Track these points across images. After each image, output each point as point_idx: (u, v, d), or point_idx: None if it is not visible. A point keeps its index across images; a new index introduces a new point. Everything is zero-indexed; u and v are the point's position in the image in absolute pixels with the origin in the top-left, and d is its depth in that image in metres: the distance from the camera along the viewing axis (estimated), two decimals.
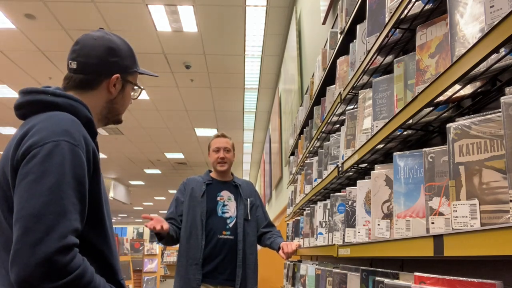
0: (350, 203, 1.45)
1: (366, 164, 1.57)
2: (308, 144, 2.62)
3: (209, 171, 2.71)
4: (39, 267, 0.88)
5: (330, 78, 2.15)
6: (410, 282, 0.91)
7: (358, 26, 1.59)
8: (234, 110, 8.67)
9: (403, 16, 1.12)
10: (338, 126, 2.06)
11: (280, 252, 2.31)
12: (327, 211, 1.84)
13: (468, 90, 0.93)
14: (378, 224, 1.14)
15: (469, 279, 0.72)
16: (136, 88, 1.31)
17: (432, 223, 0.88)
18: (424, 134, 1.18)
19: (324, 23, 2.98)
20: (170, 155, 12.18)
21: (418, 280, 0.86)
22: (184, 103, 8.17)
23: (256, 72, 6.87)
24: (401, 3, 1.07)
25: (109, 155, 11.92)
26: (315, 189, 2.10)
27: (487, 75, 0.85)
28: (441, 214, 0.86)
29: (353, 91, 1.61)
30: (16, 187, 0.96)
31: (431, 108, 1.03)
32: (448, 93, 0.91)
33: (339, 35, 1.95)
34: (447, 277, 0.77)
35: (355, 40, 1.66)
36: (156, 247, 9.85)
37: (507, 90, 0.73)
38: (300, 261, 2.73)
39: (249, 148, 11.62)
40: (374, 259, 1.58)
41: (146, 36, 5.66)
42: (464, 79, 0.83)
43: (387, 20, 1.19)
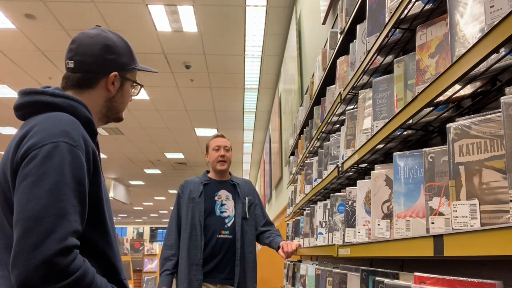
0: (350, 203, 1.45)
1: (366, 164, 1.57)
2: (308, 144, 2.62)
3: (206, 172, 2.71)
4: (40, 270, 0.87)
5: (330, 78, 2.15)
6: (410, 282, 0.91)
7: (358, 26, 1.59)
8: (234, 110, 8.67)
9: (403, 16, 1.12)
10: (338, 126, 2.06)
11: (280, 251, 2.31)
12: (327, 211, 1.84)
13: (468, 90, 0.93)
14: (378, 224, 1.14)
15: (469, 279, 0.72)
16: (135, 85, 1.29)
17: (432, 223, 0.88)
18: (424, 134, 1.18)
19: (324, 23, 2.98)
20: (170, 155, 12.18)
21: (418, 280, 0.85)
22: (184, 103, 8.17)
23: (256, 72, 6.87)
24: (401, 3, 1.07)
25: (109, 155, 11.92)
26: (315, 189, 2.10)
27: (487, 75, 0.85)
28: (441, 214, 0.86)
29: (353, 91, 1.60)
30: (16, 189, 0.96)
31: (431, 108, 1.03)
32: (448, 93, 0.91)
33: (339, 35, 1.95)
34: (447, 277, 0.77)
35: (355, 40, 1.66)
36: (156, 247, 9.85)
37: (507, 90, 0.73)
38: (300, 261, 2.73)
39: (249, 148, 11.61)
40: (374, 259, 1.58)
41: (146, 36, 5.66)
42: (464, 79, 0.83)
43: (387, 20, 1.19)
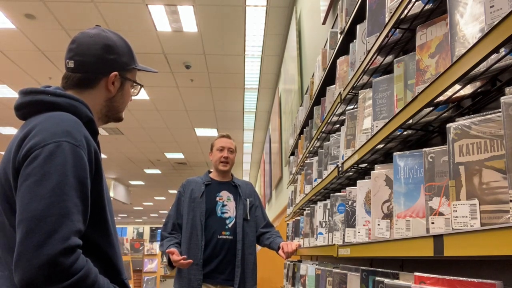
0: (350, 203, 1.45)
1: (366, 164, 1.57)
2: (308, 144, 2.62)
3: (208, 172, 2.71)
4: (43, 269, 0.88)
5: (330, 78, 2.15)
6: (410, 282, 0.91)
7: (358, 26, 1.59)
8: (234, 110, 8.67)
9: (403, 16, 1.12)
10: (338, 126, 2.06)
11: (280, 251, 2.31)
12: (327, 211, 1.84)
13: (468, 90, 0.93)
14: (378, 224, 1.14)
15: (469, 279, 0.72)
16: (135, 85, 1.29)
17: (432, 223, 0.88)
18: (424, 134, 1.18)
19: (324, 23, 2.98)
20: (170, 155, 12.18)
21: (418, 280, 0.85)
22: (184, 103, 8.17)
23: (256, 72, 6.87)
24: (401, 3, 1.07)
25: (109, 155, 11.92)
26: (315, 189, 2.10)
27: (487, 75, 0.85)
28: (441, 214, 0.86)
29: (353, 91, 1.60)
30: (18, 189, 0.96)
31: (431, 108, 1.03)
32: (448, 93, 0.91)
33: (339, 35, 1.95)
34: (447, 277, 0.77)
35: (355, 40, 1.66)
36: (156, 247, 9.85)
37: (507, 90, 0.73)
38: (300, 261, 2.73)
39: (249, 148, 11.62)
40: (374, 259, 1.58)
41: (146, 36, 5.66)
42: (464, 79, 0.83)
43: (387, 20, 1.19)
